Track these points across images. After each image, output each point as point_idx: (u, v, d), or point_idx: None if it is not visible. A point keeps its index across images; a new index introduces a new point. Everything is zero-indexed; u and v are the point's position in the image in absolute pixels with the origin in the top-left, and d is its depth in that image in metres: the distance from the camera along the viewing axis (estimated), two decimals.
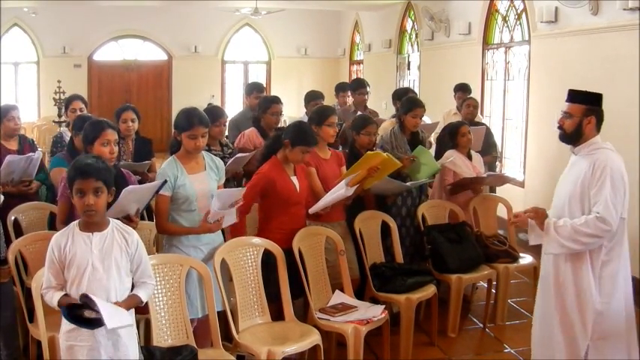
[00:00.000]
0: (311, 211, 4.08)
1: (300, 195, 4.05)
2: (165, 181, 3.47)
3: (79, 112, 5.27)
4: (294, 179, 4.06)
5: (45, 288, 2.76)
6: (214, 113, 4.71)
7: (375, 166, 4.20)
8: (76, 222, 2.82)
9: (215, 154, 4.16)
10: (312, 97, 6.59)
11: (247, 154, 4.99)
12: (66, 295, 2.70)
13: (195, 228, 3.62)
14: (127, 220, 3.17)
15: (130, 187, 3.30)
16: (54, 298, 2.70)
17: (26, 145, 4.93)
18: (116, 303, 2.70)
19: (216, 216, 3.56)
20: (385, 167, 4.29)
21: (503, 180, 5.76)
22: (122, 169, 3.81)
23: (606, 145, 3.42)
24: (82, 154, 3.32)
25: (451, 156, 5.18)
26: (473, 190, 5.25)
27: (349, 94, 7.21)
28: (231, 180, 5.07)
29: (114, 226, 2.83)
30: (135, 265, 2.84)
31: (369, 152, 4.28)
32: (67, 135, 5.15)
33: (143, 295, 2.82)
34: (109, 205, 2.88)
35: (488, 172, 5.96)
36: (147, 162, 4.93)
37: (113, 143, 3.56)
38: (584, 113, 3.42)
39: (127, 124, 4.97)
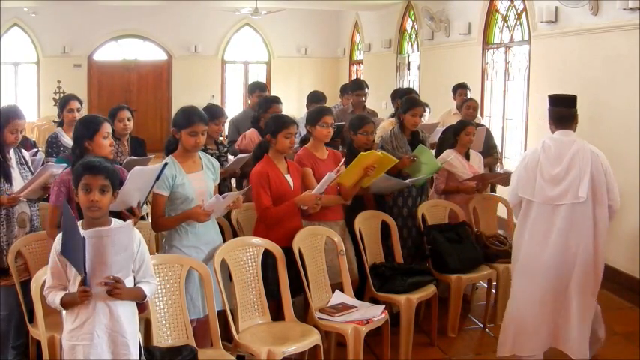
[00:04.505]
0: (315, 191, 4.03)
1: (294, 193, 4.04)
2: (166, 164, 3.47)
3: (76, 112, 5.26)
4: (288, 177, 4.06)
5: (47, 288, 2.76)
6: (214, 112, 4.72)
7: (372, 166, 4.21)
8: (79, 222, 2.81)
9: (211, 154, 4.17)
10: (315, 99, 6.59)
11: (247, 154, 4.99)
12: (68, 293, 2.70)
13: (185, 212, 3.56)
14: (130, 213, 3.18)
15: (137, 168, 3.32)
16: (56, 297, 2.69)
17: (28, 146, 4.94)
18: (121, 290, 2.68)
19: (211, 205, 3.56)
20: (382, 165, 4.30)
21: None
22: (120, 167, 3.81)
23: (544, 139, 4.02)
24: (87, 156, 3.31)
25: (449, 156, 5.18)
26: (467, 191, 5.21)
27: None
28: (228, 179, 5.08)
29: (116, 225, 2.83)
30: (137, 264, 2.82)
31: (362, 153, 4.28)
32: (63, 135, 5.13)
33: (147, 290, 2.81)
34: None
35: (505, 170, 5.96)
36: (148, 157, 4.93)
37: (110, 136, 3.63)
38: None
39: (124, 123, 4.94)
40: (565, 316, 3.97)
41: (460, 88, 7.35)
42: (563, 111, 3.96)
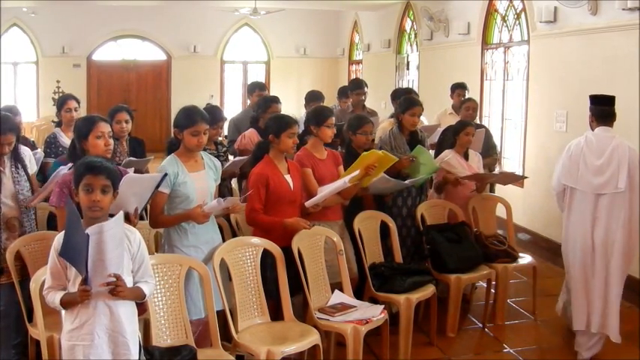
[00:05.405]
0: (308, 204, 4.07)
1: (294, 193, 4.05)
2: (166, 175, 3.46)
3: (73, 112, 5.26)
4: (288, 177, 4.06)
5: (46, 288, 2.76)
6: (213, 116, 4.71)
7: (372, 164, 4.22)
8: None
9: (209, 153, 4.17)
10: (313, 98, 6.63)
11: (245, 157, 4.99)
12: (68, 293, 2.69)
13: (184, 213, 3.59)
14: (126, 219, 3.15)
15: (130, 175, 3.28)
16: (56, 298, 2.69)
17: (28, 146, 4.92)
18: (123, 288, 2.68)
19: (211, 208, 3.57)
20: (382, 164, 4.31)
21: (513, 178, 5.71)
22: (119, 167, 3.80)
23: (587, 133, 4.39)
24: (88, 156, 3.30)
25: (447, 155, 5.18)
26: (467, 183, 5.25)
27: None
28: (228, 179, 5.08)
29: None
30: (137, 264, 2.82)
31: (364, 153, 4.29)
32: (61, 135, 5.14)
33: (146, 290, 2.81)
34: None
35: (501, 171, 6.00)
36: (148, 158, 4.93)
37: (107, 136, 3.57)
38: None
39: (121, 125, 4.93)
40: (605, 300, 4.35)
41: (458, 89, 7.34)
42: (606, 109, 4.37)
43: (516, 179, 5.63)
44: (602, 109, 4.37)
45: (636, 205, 4.29)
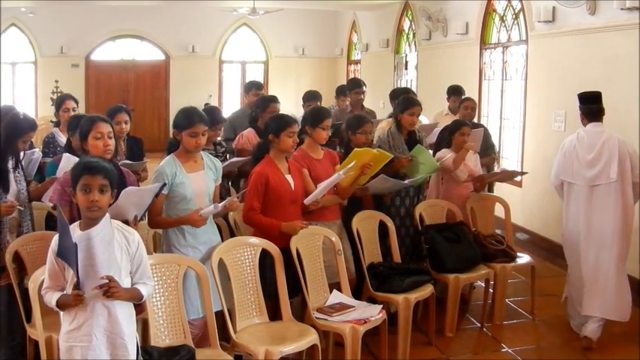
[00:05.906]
0: (307, 200, 4.07)
1: (295, 193, 4.05)
2: (165, 184, 3.47)
3: (71, 112, 5.26)
4: (289, 177, 4.06)
5: (44, 289, 2.76)
6: (213, 116, 4.70)
7: (367, 163, 4.21)
8: (76, 223, 2.80)
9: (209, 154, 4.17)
10: (311, 98, 6.64)
11: (242, 158, 4.99)
12: (64, 295, 2.69)
13: (182, 217, 3.61)
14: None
15: (129, 188, 3.29)
16: (52, 298, 2.69)
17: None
18: (117, 289, 2.68)
19: (208, 213, 3.57)
20: (377, 162, 4.30)
21: (513, 174, 6.00)
22: (121, 168, 3.80)
23: (579, 130, 4.67)
24: (84, 155, 3.31)
25: (445, 155, 5.19)
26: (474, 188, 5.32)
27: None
28: (225, 178, 5.09)
29: (114, 226, 2.80)
30: (135, 265, 2.82)
31: (356, 149, 4.28)
32: (59, 135, 5.14)
33: (144, 291, 2.80)
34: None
35: (502, 169, 6.19)
36: (144, 161, 4.93)
37: (107, 136, 3.54)
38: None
39: (121, 125, 4.92)
40: (604, 284, 4.53)
41: (454, 95, 7.18)
42: (593, 107, 4.60)
43: (515, 175, 5.74)
44: (590, 107, 4.61)
45: (629, 193, 4.54)
